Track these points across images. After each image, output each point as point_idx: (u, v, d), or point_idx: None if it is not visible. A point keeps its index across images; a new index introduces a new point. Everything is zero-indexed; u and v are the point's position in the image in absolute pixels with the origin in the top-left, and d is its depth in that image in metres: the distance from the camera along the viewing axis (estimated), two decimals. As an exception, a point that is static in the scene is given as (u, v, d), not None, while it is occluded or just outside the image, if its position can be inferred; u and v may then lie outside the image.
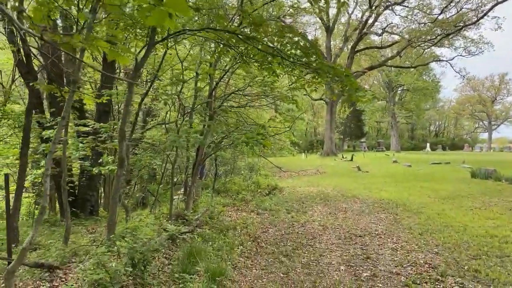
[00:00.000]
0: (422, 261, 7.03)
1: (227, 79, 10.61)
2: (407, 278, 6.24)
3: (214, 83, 9.47)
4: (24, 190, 14.53)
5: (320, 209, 13.13)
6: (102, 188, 17.44)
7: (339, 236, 9.32)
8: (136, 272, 4.59)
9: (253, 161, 23.88)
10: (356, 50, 38.99)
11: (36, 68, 11.75)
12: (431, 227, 9.86)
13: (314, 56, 5.49)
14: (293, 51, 5.88)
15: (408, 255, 7.47)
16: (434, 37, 33.28)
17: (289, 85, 9.48)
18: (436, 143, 71.16)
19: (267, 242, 8.38)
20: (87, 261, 5.17)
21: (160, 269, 5.50)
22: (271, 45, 5.98)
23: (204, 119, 9.72)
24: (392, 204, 13.73)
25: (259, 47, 5.92)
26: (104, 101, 10.13)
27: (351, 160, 34.22)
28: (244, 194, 14.44)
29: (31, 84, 8.45)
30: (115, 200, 6.69)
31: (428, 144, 59.50)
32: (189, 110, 9.59)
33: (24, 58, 9.11)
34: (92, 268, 4.23)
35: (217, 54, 8.51)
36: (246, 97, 10.58)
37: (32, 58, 10.72)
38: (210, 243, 7.14)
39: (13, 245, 7.20)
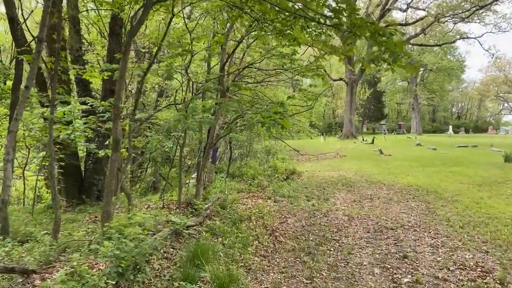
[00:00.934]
0: (471, 263, 5.91)
1: (241, 53, 9.48)
2: (457, 286, 5.14)
3: (226, 55, 8.37)
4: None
5: (343, 196, 12.04)
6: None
7: (368, 228, 8.24)
8: (123, 283, 3.64)
9: (270, 144, 22.81)
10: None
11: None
12: (472, 218, 8.68)
13: (347, 13, 4.32)
14: (319, 9, 4.72)
15: (453, 255, 6.35)
16: (464, 11, 31.09)
17: (314, 57, 8.31)
18: (458, 126, 68.48)
19: (286, 236, 7.37)
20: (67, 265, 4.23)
21: (157, 274, 4.54)
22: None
23: (216, 96, 8.67)
24: (422, 191, 12.53)
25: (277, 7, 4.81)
26: (105, 77, 9.16)
27: (372, 143, 32.78)
28: (260, 179, 13.43)
29: (18, 56, 7.49)
30: (110, 188, 5.75)
31: (450, 127, 57.16)
32: (200, 88, 8.55)
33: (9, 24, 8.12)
34: (63, 280, 3.28)
35: (229, 22, 7.39)
36: (262, 71, 9.45)
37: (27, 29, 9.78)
38: (220, 239, 6.15)
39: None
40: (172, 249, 5.52)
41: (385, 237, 7.53)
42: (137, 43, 16.00)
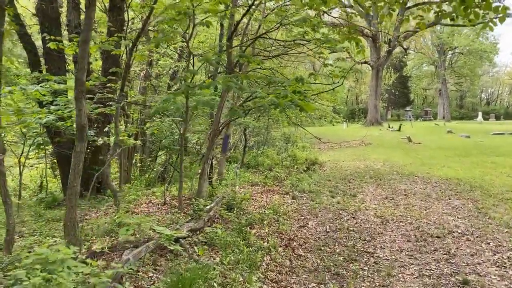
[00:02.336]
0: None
1: (255, 23, 7.91)
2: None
3: (235, 22, 6.85)
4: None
5: (373, 192, 10.46)
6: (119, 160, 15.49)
7: (407, 235, 6.68)
8: None
9: (289, 131, 21.22)
10: (407, 6, 34.50)
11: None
12: (539, 224, 7.02)
13: None
14: None
15: (531, 280, 4.76)
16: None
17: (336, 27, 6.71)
18: (487, 112, 64.94)
19: (306, 247, 5.89)
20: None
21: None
22: None
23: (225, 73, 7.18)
24: (464, 185, 10.82)
25: None
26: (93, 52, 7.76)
27: (399, 130, 30.78)
28: (277, 171, 11.92)
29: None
30: (74, 189, 4.38)
31: (480, 113, 54.23)
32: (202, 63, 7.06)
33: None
34: None
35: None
36: (279, 43, 7.87)
37: None
38: (220, 256, 4.69)
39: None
40: (152, 272, 4.11)
41: (432, 249, 5.96)
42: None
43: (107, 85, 9.49)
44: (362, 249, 5.87)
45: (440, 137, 26.26)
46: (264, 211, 7.40)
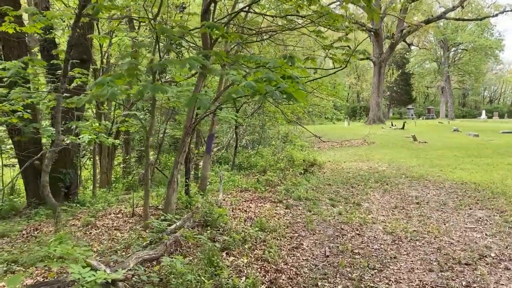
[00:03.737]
0: None
1: None
2: None
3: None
4: None
5: (379, 199, 9.05)
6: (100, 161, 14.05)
7: (428, 260, 5.26)
8: None
9: (288, 129, 19.77)
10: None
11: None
12: None
13: None
14: None
15: None
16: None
17: None
18: (491, 111, 63.50)
19: (298, 284, 4.44)
20: None
21: None
22: None
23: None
24: (484, 191, 9.43)
25: None
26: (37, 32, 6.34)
27: (403, 128, 29.37)
28: (271, 174, 10.49)
29: None
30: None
31: (483, 111, 52.86)
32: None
33: None
34: None
35: None
36: (268, 19, 6.44)
37: None
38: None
39: None
40: None
41: (464, 283, 4.54)
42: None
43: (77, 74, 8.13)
44: (371, 285, 4.45)
45: (446, 136, 24.86)
46: (249, 227, 5.98)
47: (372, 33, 34.67)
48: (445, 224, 6.97)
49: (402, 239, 6.17)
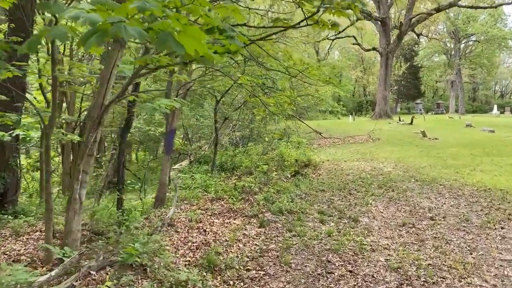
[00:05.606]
0: None
1: None
2: None
3: None
4: None
5: (382, 212, 7.16)
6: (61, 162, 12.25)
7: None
8: None
9: (285, 124, 17.80)
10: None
11: None
12: None
13: None
14: None
15: None
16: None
17: None
18: (502, 105, 61.02)
19: None
20: None
21: None
22: None
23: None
24: (515, 201, 7.52)
25: None
26: None
27: (411, 123, 27.28)
28: (247, 180, 8.61)
29: None
30: None
31: (495, 106, 50.38)
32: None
33: None
34: None
35: None
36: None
37: None
38: None
39: None
40: None
41: None
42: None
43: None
44: None
45: (459, 132, 22.80)
46: (189, 269, 4.13)
47: (379, 22, 32.56)
48: (471, 254, 5.08)
49: (413, 281, 4.29)
